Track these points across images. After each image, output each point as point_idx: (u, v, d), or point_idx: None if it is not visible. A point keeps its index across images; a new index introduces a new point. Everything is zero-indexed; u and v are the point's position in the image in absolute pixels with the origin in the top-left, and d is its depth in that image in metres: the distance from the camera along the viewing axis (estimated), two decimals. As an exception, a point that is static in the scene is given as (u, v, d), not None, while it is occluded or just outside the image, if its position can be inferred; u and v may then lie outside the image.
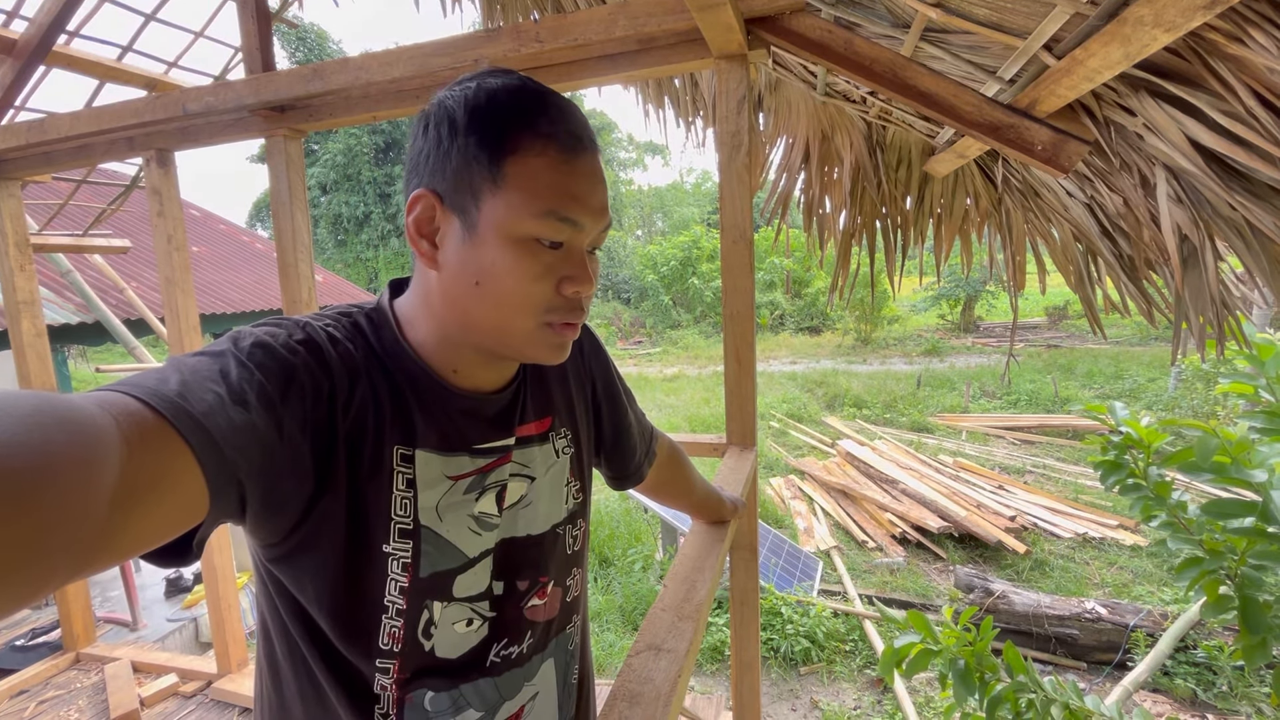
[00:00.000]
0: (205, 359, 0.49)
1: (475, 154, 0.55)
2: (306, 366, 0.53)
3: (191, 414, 0.42)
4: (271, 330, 0.55)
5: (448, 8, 2.52)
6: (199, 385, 0.45)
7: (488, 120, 0.55)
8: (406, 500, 0.59)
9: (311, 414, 0.53)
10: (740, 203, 1.40)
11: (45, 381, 2.64)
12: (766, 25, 1.32)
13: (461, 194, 0.56)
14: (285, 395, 0.51)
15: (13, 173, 2.38)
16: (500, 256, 0.55)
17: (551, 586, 0.71)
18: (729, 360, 1.46)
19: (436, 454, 0.61)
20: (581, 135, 0.57)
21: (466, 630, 0.63)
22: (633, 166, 31.22)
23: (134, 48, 2.49)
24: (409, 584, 0.59)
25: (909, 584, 4.45)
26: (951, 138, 1.74)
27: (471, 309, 0.58)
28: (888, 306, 15.31)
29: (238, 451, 0.45)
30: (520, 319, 0.58)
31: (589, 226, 0.58)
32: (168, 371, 0.46)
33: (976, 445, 7.31)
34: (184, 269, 2.14)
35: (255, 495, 0.48)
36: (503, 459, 0.66)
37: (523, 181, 0.54)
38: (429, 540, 0.60)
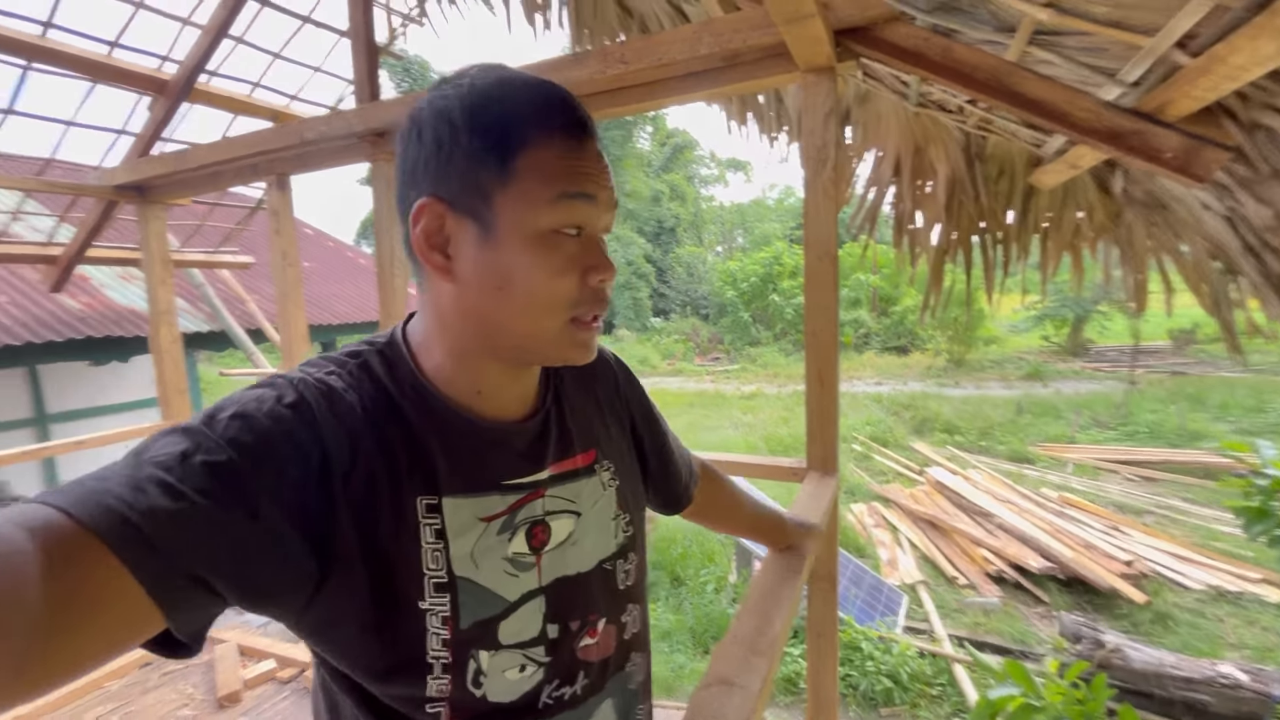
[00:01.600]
0: (173, 439, 0.45)
1: (481, 154, 0.52)
2: (290, 436, 0.49)
3: (121, 518, 0.39)
4: (260, 395, 0.51)
5: (538, 33, 2.63)
6: (144, 480, 0.41)
7: (490, 118, 0.53)
8: (438, 552, 0.55)
9: (298, 489, 0.48)
10: (825, 218, 1.35)
11: (179, 383, 2.93)
12: (857, 36, 1.27)
13: (471, 196, 0.53)
14: (261, 474, 0.46)
15: (160, 198, 2.68)
16: (522, 255, 0.53)
17: (604, 624, 0.66)
18: (811, 381, 1.41)
19: (465, 497, 0.57)
20: (585, 121, 0.56)
21: (520, 676, 0.59)
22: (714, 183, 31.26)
23: (261, 83, 2.76)
24: (450, 636, 0.55)
25: (1005, 628, 4.10)
26: (1062, 147, 1.61)
27: (497, 316, 0.55)
28: (984, 326, 14.37)
29: (188, 549, 0.41)
30: (549, 318, 0.55)
31: (603, 202, 0.56)
32: (118, 466, 0.43)
33: (1086, 480, 6.68)
34: (296, 283, 2.33)
35: (231, 588, 0.44)
36: (533, 495, 0.61)
37: (534, 174, 0.52)
38: (466, 590, 0.56)
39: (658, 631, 4.12)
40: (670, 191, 25.31)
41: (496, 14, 2.69)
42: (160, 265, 2.78)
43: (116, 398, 5.71)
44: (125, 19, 2.24)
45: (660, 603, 4.48)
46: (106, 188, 2.59)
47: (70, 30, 2.14)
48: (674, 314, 22.63)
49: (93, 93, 2.41)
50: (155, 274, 2.78)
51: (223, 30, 2.42)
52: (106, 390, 5.64)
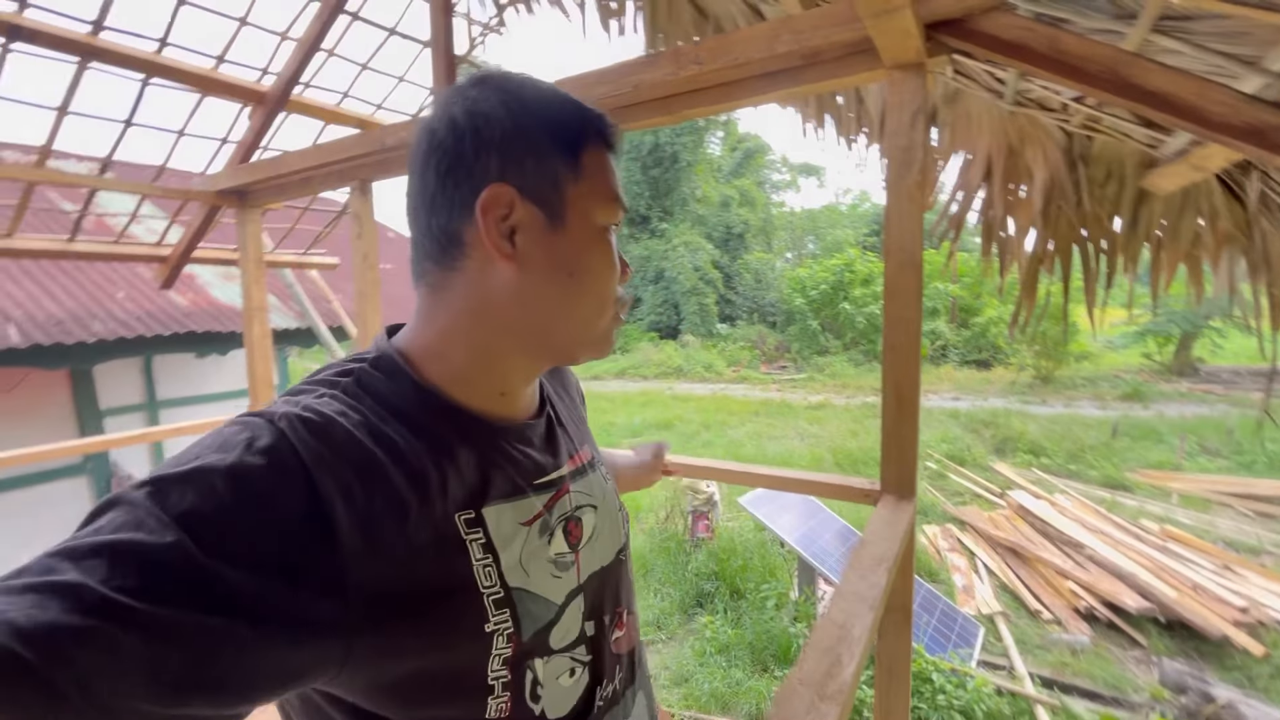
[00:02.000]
0: (113, 518, 0.37)
1: (553, 145, 0.54)
2: (263, 495, 0.40)
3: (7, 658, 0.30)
4: (226, 441, 0.42)
5: (612, 39, 2.63)
6: (53, 584, 0.33)
7: (559, 113, 0.55)
8: (489, 567, 0.51)
9: (282, 554, 0.40)
10: (909, 224, 1.26)
11: (267, 376, 3.11)
12: (950, 29, 1.18)
13: (542, 184, 0.54)
14: (225, 552, 0.37)
15: (256, 202, 2.85)
16: (590, 245, 0.56)
17: (627, 615, 0.68)
18: (888, 398, 1.32)
19: (503, 503, 0.54)
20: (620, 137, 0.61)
21: (570, 681, 0.58)
22: (785, 188, 30.70)
23: (350, 94, 2.90)
24: (513, 652, 0.52)
25: (1096, 670, 3.77)
26: (1184, 147, 1.44)
27: (561, 303, 0.56)
28: (1077, 342, 13.37)
29: (105, 672, 0.32)
30: (604, 310, 0.59)
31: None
32: (37, 563, 0.35)
33: (1193, 513, 6.07)
34: (374, 284, 2.42)
35: (194, 702, 0.36)
36: (560, 492, 0.61)
37: (594, 171, 0.56)
38: (523, 600, 0.53)
39: (715, 645, 4.04)
40: (740, 197, 25.02)
41: (572, 20, 2.71)
42: (255, 265, 2.96)
43: (216, 387, 6.16)
44: (230, 35, 2.39)
45: (718, 615, 4.39)
46: (210, 192, 2.78)
47: (182, 47, 2.31)
48: (740, 321, 22.32)
49: (201, 104, 2.60)
50: (250, 273, 2.95)
51: (316, 44, 2.55)
52: (208, 380, 6.10)
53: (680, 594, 4.78)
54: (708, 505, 5.63)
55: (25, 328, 3.93)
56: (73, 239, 2.96)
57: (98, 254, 3.08)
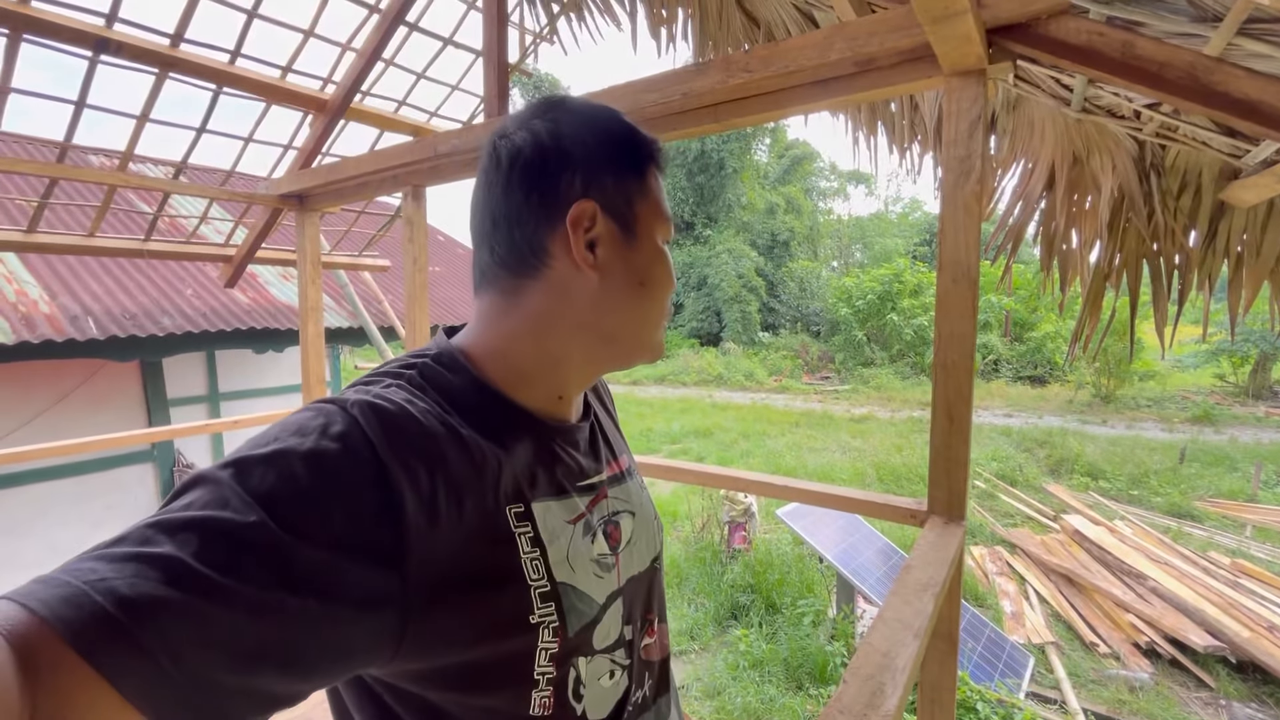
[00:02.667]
0: (198, 496, 0.39)
1: (624, 163, 0.60)
2: (340, 476, 0.43)
3: (99, 616, 0.32)
4: (304, 425, 0.45)
5: (663, 47, 2.64)
6: (148, 555, 0.35)
7: (627, 133, 0.61)
8: (537, 561, 0.52)
9: (356, 535, 0.42)
10: (965, 236, 1.22)
11: (320, 373, 3.22)
12: (1014, 34, 1.14)
13: (618, 200, 0.59)
14: (304, 531, 0.40)
15: (315, 206, 2.97)
16: (656, 257, 0.61)
17: (658, 623, 0.69)
18: (938, 416, 1.27)
19: (552, 500, 0.57)
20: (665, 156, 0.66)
21: (610, 683, 0.59)
22: (833, 196, 30.20)
23: (406, 102, 2.98)
24: (559, 648, 0.53)
25: (1157, 710, 3.54)
26: (1271, 158, 1.35)
27: (634, 308, 0.61)
28: (1141, 360, 12.67)
29: (200, 639, 0.34)
30: (663, 319, 0.64)
31: None
32: (131, 534, 0.37)
33: (1268, 547, 5.66)
34: (422, 287, 2.48)
35: (269, 672, 0.38)
36: (600, 495, 0.64)
37: (654, 191, 0.62)
38: (569, 595, 0.54)
39: (750, 659, 3.97)
40: (786, 204, 24.74)
41: (623, 29, 2.73)
42: (312, 266, 3.08)
43: (272, 382, 6.42)
44: (296, 46, 2.50)
45: (753, 629, 4.31)
46: (273, 196, 2.90)
47: (250, 57, 2.43)
48: (783, 329, 22.02)
49: (268, 113, 2.72)
50: (307, 273, 3.07)
51: (376, 54, 2.64)
52: (265, 375, 6.37)
53: (715, 605, 4.72)
54: (745, 516, 5.55)
55: (102, 321, 4.18)
56: (148, 239, 3.13)
57: (169, 253, 3.26)
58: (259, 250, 3.51)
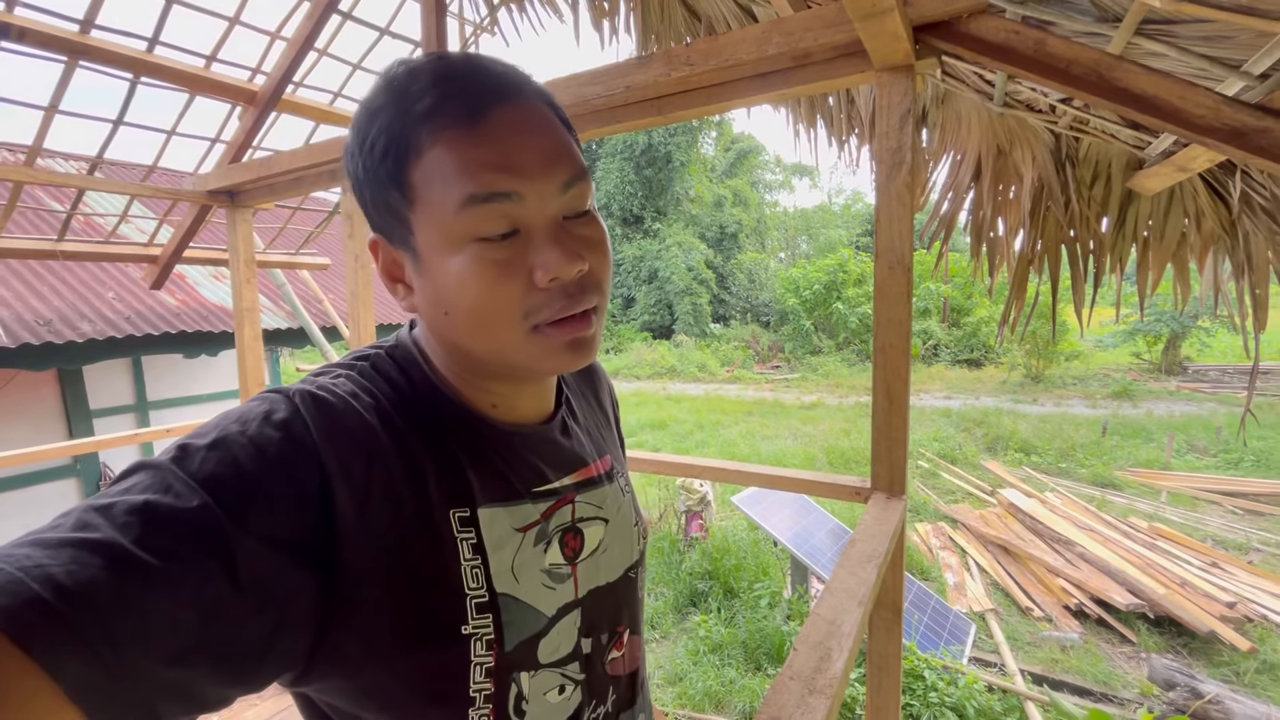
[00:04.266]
0: (138, 480, 0.38)
1: (380, 176, 0.48)
2: (282, 464, 0.42)
3: (34, 601, 0.30)
4: (246, 414, 0.44)
5: (605, 40, 2.64)
6: (88, 541, 0.33)
7: (374, 133, 0.47)
8: (476, 569, 0.49)
9: (293, 526, 0.41)
10: (899, 225, 1.28)
11: (259, 376, 3.09)
12: (938, 31, 1.20)
13: (392, 225, 0.49)
14: (244, 518, 0.39)
15: (247, 202, 2.84)
16: (449, 275, 0.47)
17: (629, 635, 0.64)
18: (878, 396, 1.33)
19: (499, 506, 0.52)
20: (482, 91, 0.46)
21: (559, 699, 0.55)
22: (779, 188, 30.78)
23: (342, 93, 2.89)
24: (495, 663, 0.50)
25: (1085, 667, 3.80)
26: (1170, 148, 1.46)
27: (458, 340, 0.51)
28: (1066, 341, 13.48)
29: (138, 628, 0.33)
30: (504, 333, 0.49)
31: (530, 191, 0.47)
32: (67, 520, 0.35)
33: (1181, 510, 6.14)
34: (366, 285, 2.41)
35: (202, 666, 0.36)
36: (562, 501, 0.58)
37: (431, 182, 0.46)
38: (509, 608, 0.51)
39: (709, 644, 4.05)
40: (733, 197, 25.06)
41: (565, 21, 2.72)
42: (246, 265, 2.95)
43: (206, 388, 6.12)
44: (221, 34, 2.38)
45: (712, 615, 4.40)
46: (201, 192, 2.76)
47: (172, 45, 2.30)
48: (734, 320, 22.37)
49: (192, 104, 2.59)
50: (241, 273, 2.94)
51: (308, 43, 2.54)
52: (198, 380, 6.06)
53: (674, 594, 4.79)
54: (701, 505, 5.64)
55: (12, 328, 3.89)
56: (61, 239, 2.93)
57: (86, 254, 3.06)
58: (187, 249, 3.33)
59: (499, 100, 0.47)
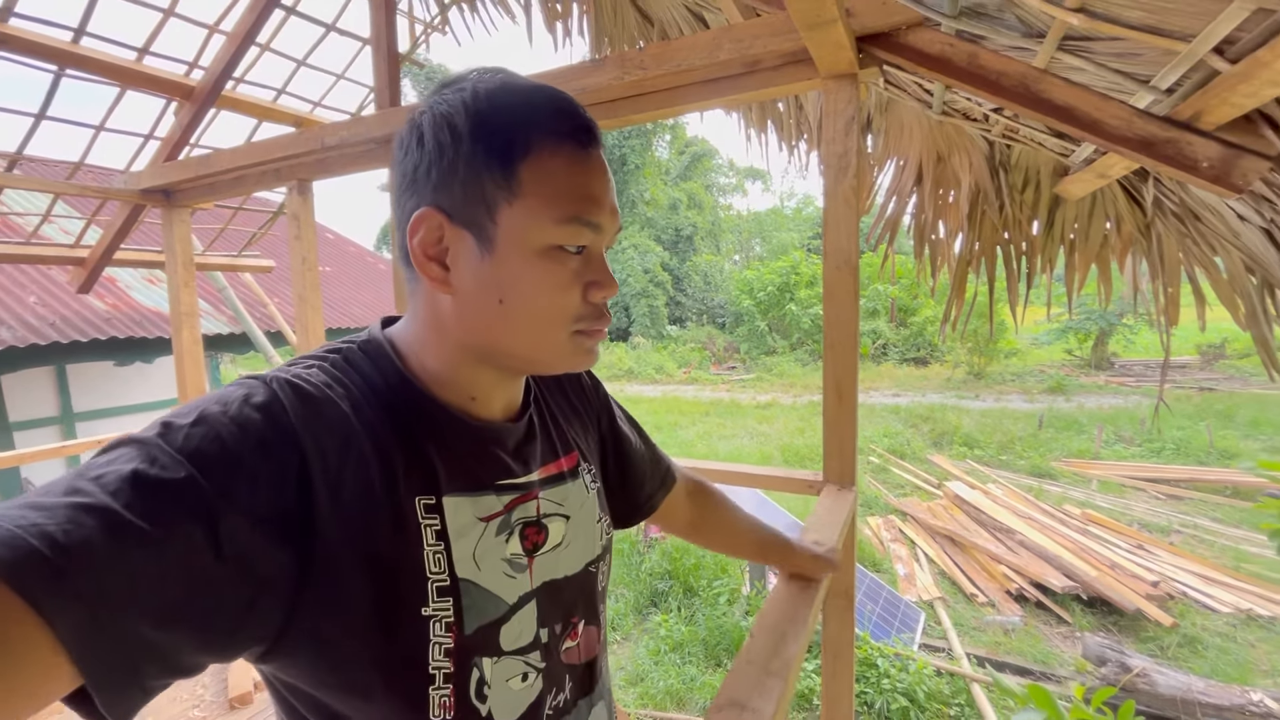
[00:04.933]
0: (125, 451, 0.40)
1: (485, 162, 0.50)
2: (262, 444, 0.44)
3: (40, 559, 0.32)
4: (226, 396, 0.46)
5: (559, 42, 2.64)
6: (82, 504, 0.35)
7: (495, 123, 0.50)
8: (439, 554, 0.52)
9: (271, 502, 0.43)
10: (845, 228, 1.33)
11: (199, 384, 2.97)
12: (879, 42, 1.25)
13: (473, 208, 0.51)
14: (227, 489, 0.41)
15: (184, 201, 2.72)
16: (525, 270, 0.52)
17: (584, 626, 0.66)
18: (828, 392, 1.38)
19: (464, 496, 0.55)
20: (591, 129, 0.54)
21: (522, 686, 0.58)
22: (732, 192, 31.26)
23: (286, 90, 2.80)
24: (454, 644, 0.52)
25: (1026, 648, 4.00)
26: (1091, 156, 1.57)
27: (498, 328, 0.54)
28: (1005, 339, 14.15)
29: (127, 588, 0.35)
30: (553, 332, 0.54)
31: (608, 228, 0.55)
32: (59, 485, 0.37)
33: (1110, 497, 6.52)
34: (314, 287, 2.34)
35: (182, 632, 0.38)
36: (526, 496, 0.61)
37: (541, 187, 0.50)
38: (469, 593, 0.53)
39: (670, 643, 4.08)
40: (688, 200, 25.33)
41: (518, 23, 2.71)
42: (184, 268, 2.83)
43: (141, 397, 5.81)
44: (154, 26, 2.28)
45: (672, 614, 4.43)
46: (133, 191, 2.63)
47: (101, 37, 2.19)
48: (690, 322, 22.58)
49: (122, 98, 2.46)
50: (178, 276, 2.82)
51: (249, 38, 2.45)
52: (131, 390, 5.75)
53: (635, 594, 4.81)
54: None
55: (-80, 336, 3.62)
56: (-24, 240, 2.74)
57: (5, 255, 2.87)
58: (118, 251, 3.17)
59: (596, 142, 0.54)
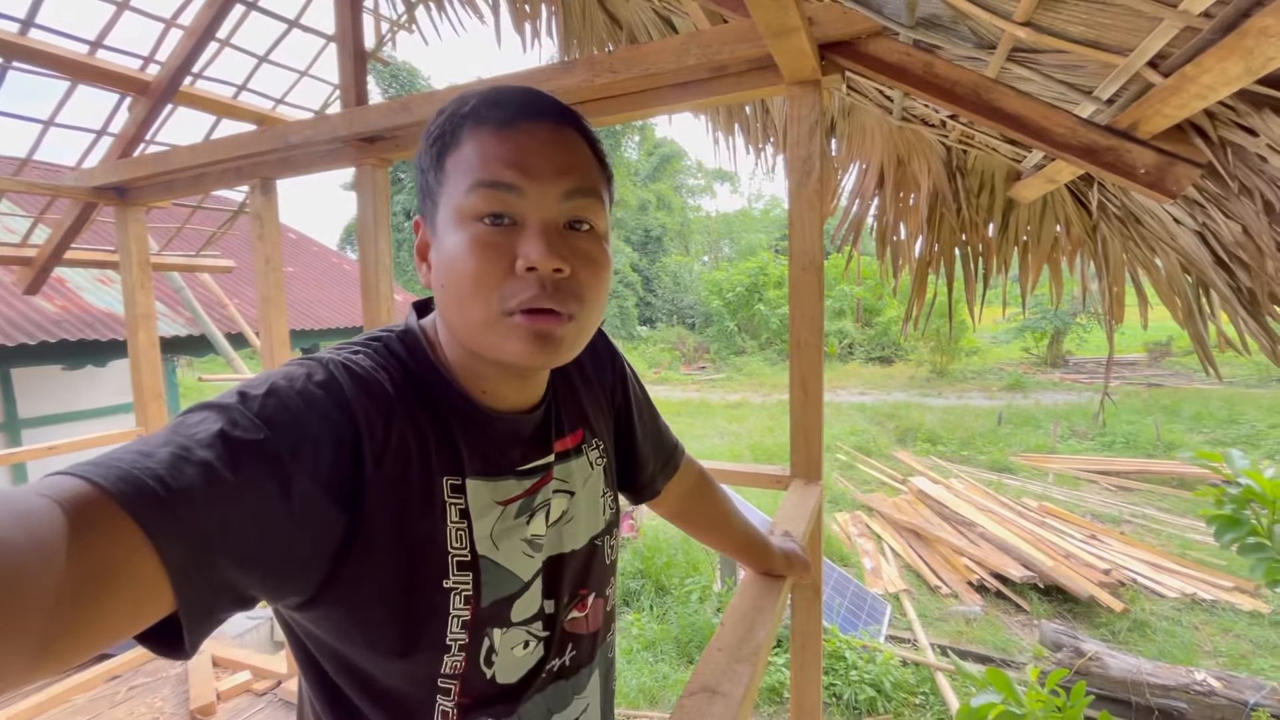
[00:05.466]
0: (208, 414, 0.44)
1: (426, 163, 0.56)
2: (325, 416, 0.49)
3: (154, 495, 0.37)
4: (290, 373, 0.51)
5: (528, 43, 2.64)
6: (181, 455, 0.40)
7: (434, 130, 0.56)
8: (461, 531, 0.56)
9: (331, 468, 0.48)
10: (810, 229, 1.37)
11: (155, 387, 2.88)
12: (841, 50, 1.29)
13: (427, 206, 0.57)
14: (296, 452, 0.46)
15: (139, 200, 2.64)
16: (449, 247, 0.53)
17: (593, 598, 0.70)
18: (795, 390, 1.42)
19: (484, 480, 0.59)
20: (521, 107, 0.54)
21: (524, 653, 0.62)
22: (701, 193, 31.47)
23: (247, 87, 2.73)
24: (471, 616, 0.57)
25: (987, 636, 4.14)
26: (1040, 162, 1.64)
27: (447, 314, 0.56)
28: (966, 338, 14.57)
29: (219, 531, 0.40)
30: (477, 308, 0.52)
31: (533, 190, 0.52)
32: (156, 439, 0.41)
33: (1065, 489, 6.78)
34: (278, 288, 2.30)
35: (255, 573, 0.43)
36: (545, 478, 0.64)
37: (458, 166, 0.53)
38: (488, 570, 0.58)
39: (642, 641, 4.10)
40: (657, 201, 25.42)
41: (486, 23, 2.69)
42: (139, 268, 2.74)
43: (91, 403, 5.58)
44: (107, 19, 2.21)
45: (645, 612, 4.46)
46: (84, 189, 2.54)
47: (51, 29, 2.11)
48: (660, 323, 22.67)
49: (73, 93, 2.38)
50: (134, 277, 2.73)
51: (208, 33, 2.39)
52: (80, 395, 5.52)
53: (607, 594, 4.82)
54: (632, 505, 5.70)
55: None
56: (-87, 239, 2.61)
57: (-55, 256, 2.75)
58: (68, 251, 3.05)
59: (532, 116, 0.54)
